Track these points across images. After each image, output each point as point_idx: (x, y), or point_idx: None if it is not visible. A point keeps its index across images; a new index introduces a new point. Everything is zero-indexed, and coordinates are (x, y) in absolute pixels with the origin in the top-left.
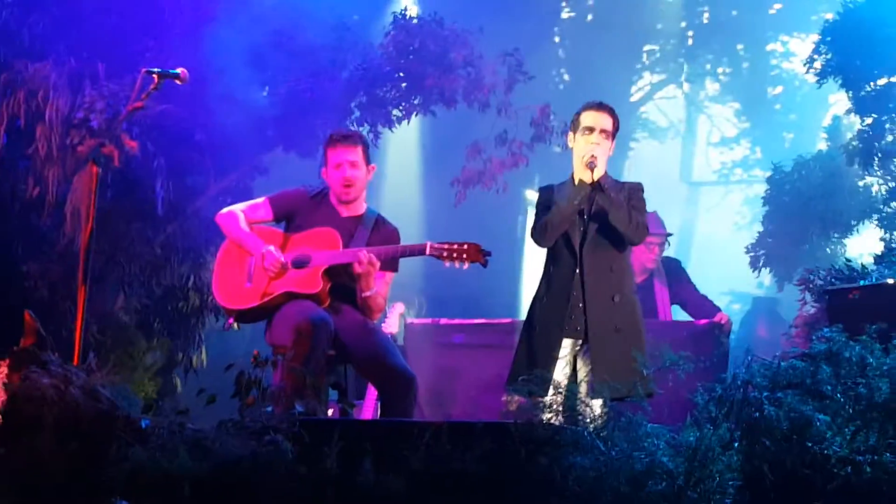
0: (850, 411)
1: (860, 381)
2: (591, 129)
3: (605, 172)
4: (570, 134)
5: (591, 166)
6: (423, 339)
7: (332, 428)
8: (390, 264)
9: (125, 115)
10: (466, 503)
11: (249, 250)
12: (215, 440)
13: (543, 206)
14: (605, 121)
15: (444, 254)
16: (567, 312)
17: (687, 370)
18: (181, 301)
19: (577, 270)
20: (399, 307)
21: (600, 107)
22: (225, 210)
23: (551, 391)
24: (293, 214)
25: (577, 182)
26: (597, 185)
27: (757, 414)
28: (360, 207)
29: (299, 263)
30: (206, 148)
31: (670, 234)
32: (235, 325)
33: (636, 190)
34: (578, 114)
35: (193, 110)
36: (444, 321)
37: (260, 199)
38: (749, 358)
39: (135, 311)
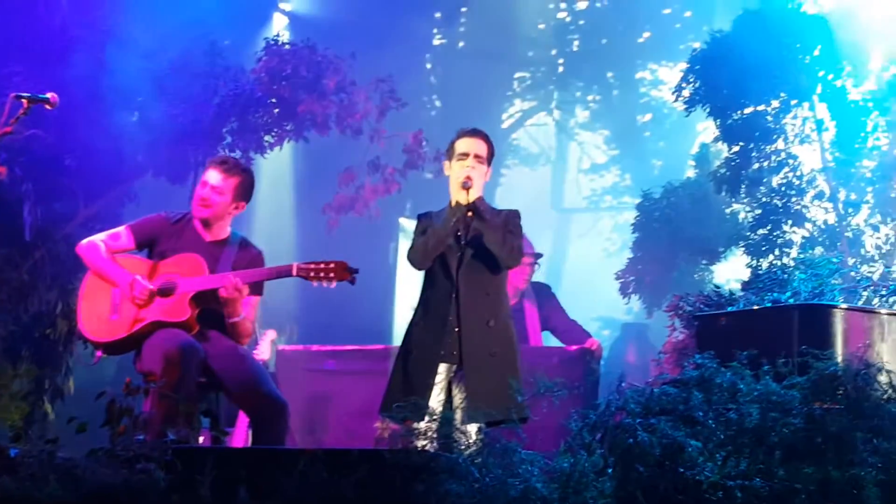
0: (722, 437)
1: (731, 407)
2: (465, 155)
3: (481, 196)
4: (446, 162)
5: (465, 186)
6: (295, 366)
7: (205, 456)
8: (255, 288)
9: None
10: None
11: (114, 281)
12: (86, 469)
13: (421, 232)
14: (479, 146)
15: (311, 273)
16: (443, 337)
17: (561, 396)
18: (49, 328)
19: (454, 294)
20: (271, 334)
21: (475, 133)
22: (85, 241)
23: (427, 418)
24: (155, 241)
25: (453, 205)
26: (472, 207)
27: (630, 440)
28: (224, 231)
29: (166, 291)
30: (75, 173)
31: (540, 255)
32: (104, 355)
33: (513, 216)
34: (453, 141)
35: (63, 135)
36: (315, 347)
37: (121, 228)
38: (622, 384)
39: (1, 338)
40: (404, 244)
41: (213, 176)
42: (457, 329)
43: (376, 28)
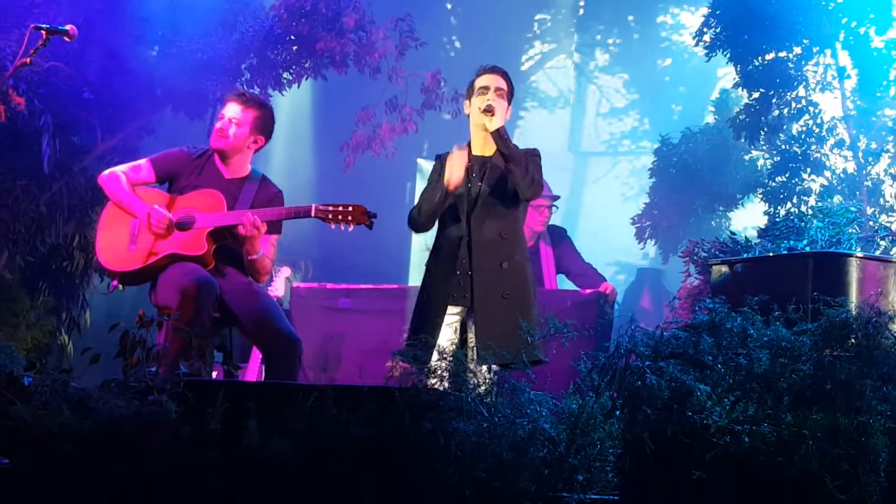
0: (731, 382)
1: (741, 353)
2: (486, 89)
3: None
4: (466, 101)
5: (487, 110)
6: (310, 303)
7: (216, 389)
8: (274, 226)
9: (12, 72)
10: (350, 466)
11: (133, 212)
12: (99, 399)
13: (436, 175)
14: (499, 82)
15: (329, 216)
16: (455, 279)
17: (571, 339)
18: (66, 260)
19: (466, 237)
20: (285, 271)
21: (495, 69)
22: (107, 172)
23: (436, 357)
24: (176, 176)
25: (474, 140)
26: (497, 134)
27: (639, 383)
28: (245, 169)
29: (184, 225)
30: (93, 106)
31: (558, 197)
32: (120, 286)
33: (533, 153)
34: (473, 79)
35: (81, 68)
36: (330, 285)
37: (142, 161)
38: (632, 327)
39: (18, 269)
40: (421, 184)
41: (231, 108)
42: (469, 272)
43: None
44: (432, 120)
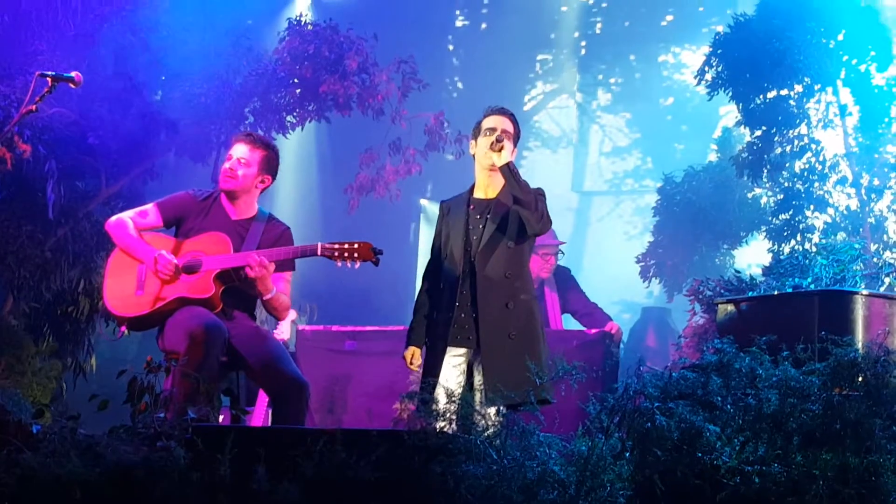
0: (740, 422)
1: (750, 393)
2: (493, 130)
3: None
4: (472, 142)
5: (495, 145)
6: (315, 346)
7: (225, 434)
8: (287, 264)
9: (17, 119)
10: None
11: (140, 257)
12: (107, 446)
13: (442, 218)
14: (506, 123)
15: (336, 253)
16: (458, 321)
17: (580, 379)
18: (71, 305)
19: (469, 279)
20: (291, 313)
21: (502, 111)
22: (114, 218)
23: (444, 399)
24: (182, 219)
25: (479, 183)
26: (506, 168)
27: (648, 424)
28: (252, 209)
29: (191, 268)
30: (98, 152)
31: (563, 243)
32: (127, 332)
33: (538, 192)
34: (480, 120)
35: (86, 114)
36: (335, 328)
37: (148, 206)
38: (641, 368)
39: (24, 315)
40: (425, 225)
41: (239, 149)
42: (473, 314)
43: (398, 9)
44: (436, 161)
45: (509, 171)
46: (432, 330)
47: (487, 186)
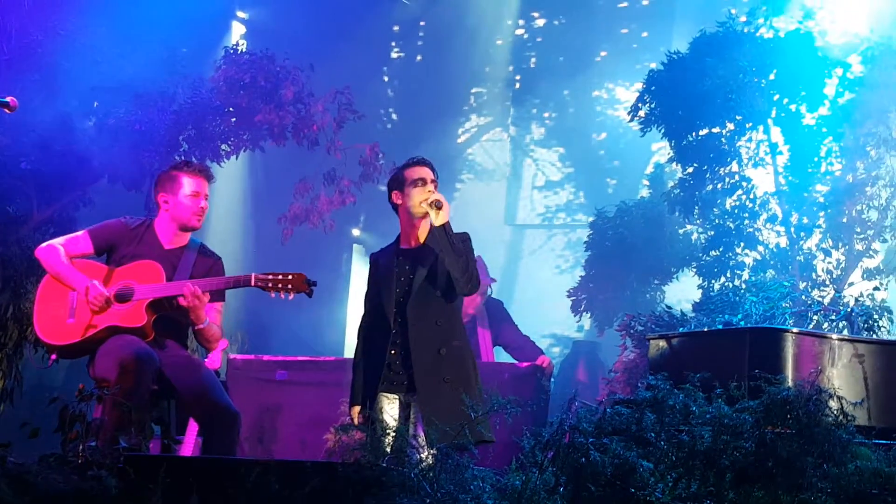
0: (674, 458)
1: (683, 429)
2: (423, 181)
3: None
4: (395, 192)
5: (438, 206)
6: (246, 375)
7: (157, 464)
8: (218, 294)
9: None
10: None
11: (71, 285)
12: (38, 474)
13: (372, 273)
14: (431, 174)
15: (270, 284)
16: (392, 367)
17: (514, 413)
18: None
19: (401, 327)
20: (222, 343)
21: (425, 161)
22: (45, 244)
23: (379, 431)
24: (114, 247)
25: (410, 232)
26: (441, 230)
27: (582, 459)
28: (184, 238)
29: (123, 297)
30: (29, 177)
31: (494, 281)
32: (57, 360)
33: (465, 240)
34: (401, 171)
35: (18, 138)
36: (266, 357)
37: (80, 233)
38: (574, 403)
39: None
40: (357, 255)
41: (204, 186)
42: (407, 360)
43: (334, 40)
44: (370, 192)
45: (445, 232)
46: (368, 379)
47: (412, 235)
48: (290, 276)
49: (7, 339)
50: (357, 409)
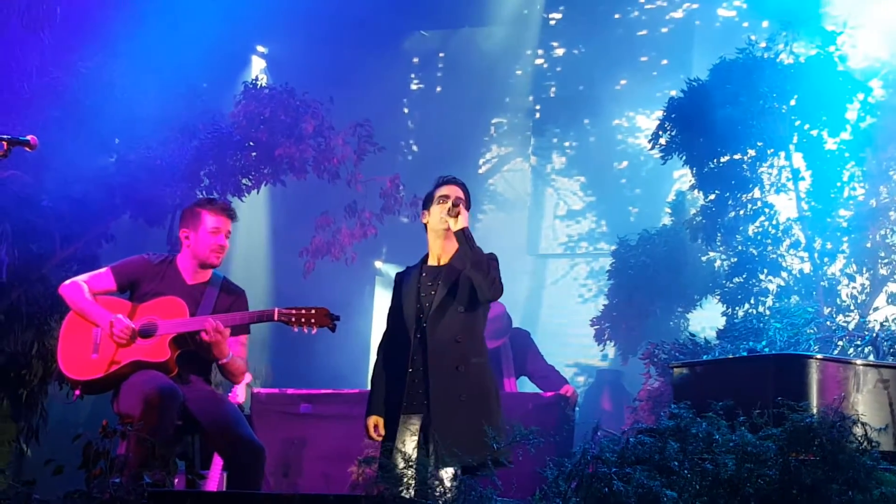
0: (697, 487)
1: (706, 458)
2: (447, 197)
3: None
4: (424, 211)
5: (452, 213)
6: (270, 409)
7: (182, 499)
8: (242, 328)
9: None
10: None
11: (95, 321)
12: None
13: (396, 289)
14: (459, 192)
15: (293, 318)
16: (411, 387)
17: (537, 444)
18: (24, 368)
19: (421, 344)
20: (246, 377)
21: (454, 180)
22: (68, 282)
23: (402, 464)
24: (137, 283)
25: (432, 252)
26: (461, 234)
27: (606, 489)
28: (206, 274)
29: (146, 332)
30: (52, 214)
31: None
32: (81, 396)
33: (490, 258)
34: (432, 190)
35: (40, 176)
36: (290, 391)
37: (103, 270)
38: (598, 432)
39: None
40: (380, 287)
41: (226, 224)
42: (425, 379)
43: (354, 73)
44: (391, 224)
45: (464, 236)
46: (388, 397)
47: (440, 254)
48: (312, 311)
49: (32, 376)
50: (372, 420)
